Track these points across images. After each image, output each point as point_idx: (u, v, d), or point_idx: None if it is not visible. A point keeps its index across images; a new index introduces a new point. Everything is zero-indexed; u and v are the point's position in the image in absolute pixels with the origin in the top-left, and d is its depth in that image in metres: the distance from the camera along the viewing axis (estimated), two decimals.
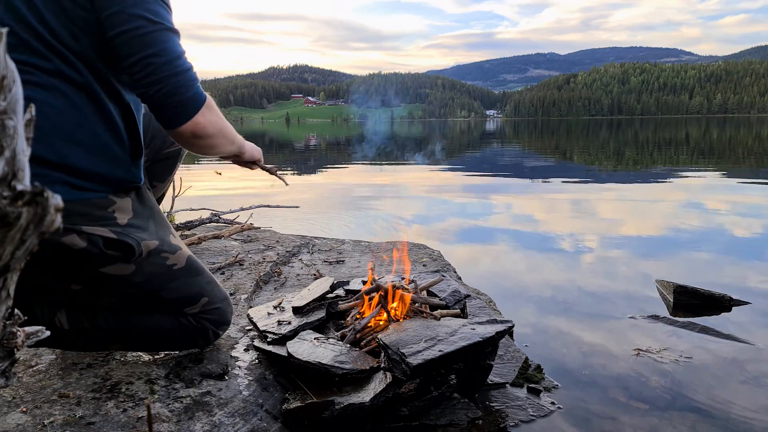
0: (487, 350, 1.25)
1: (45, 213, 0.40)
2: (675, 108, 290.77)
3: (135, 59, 1.02)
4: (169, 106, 1.06)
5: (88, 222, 1.05)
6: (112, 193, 1.11)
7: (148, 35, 1.02)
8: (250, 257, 2.34)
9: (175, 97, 1.05)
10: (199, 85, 1.11)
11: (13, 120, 0.40)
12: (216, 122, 1.15)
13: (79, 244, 1.04)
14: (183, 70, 1.06)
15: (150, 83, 1.04)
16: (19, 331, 0.58)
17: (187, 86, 1.07)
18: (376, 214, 4.38)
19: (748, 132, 22.74)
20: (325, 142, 20.90)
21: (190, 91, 1.07)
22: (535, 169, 8.61)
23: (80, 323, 1.20)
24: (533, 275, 2.60)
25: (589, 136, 23.95)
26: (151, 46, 1.02)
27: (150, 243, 1.14)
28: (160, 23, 1.03)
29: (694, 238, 3.34)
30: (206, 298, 1.26)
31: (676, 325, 1.88)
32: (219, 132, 1.17)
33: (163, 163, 1.52)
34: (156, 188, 1.57)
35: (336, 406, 1.09)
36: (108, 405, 1.09)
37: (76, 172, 1.04)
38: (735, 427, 1.25)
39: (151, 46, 1.02)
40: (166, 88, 1.04)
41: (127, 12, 1.00)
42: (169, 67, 1.04)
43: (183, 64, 1.06)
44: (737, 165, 8.49)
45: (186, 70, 1.07)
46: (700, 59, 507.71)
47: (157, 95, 1.05)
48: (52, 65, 1.00)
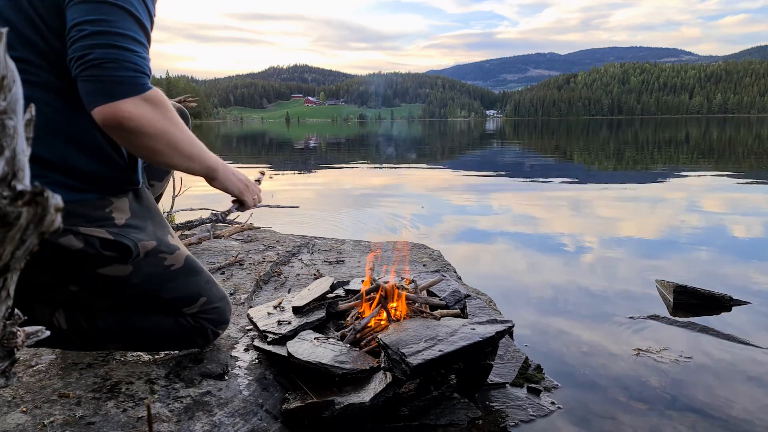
0: (487, 350, 1.25)
1: (45, 213, 0.40)
2: (675, 108, 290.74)
3: (71, 24, 0.93)
4: (89, 79, 0.93)
5: (85, 223, 1.05)
6: (110, 193, 1.11)
7: (92, 4, 0.93)
8: (250, 257, 2.34)
9: (99, 71, 0.92)
10: (144, 76, 0.97)
11: (13, 120, 0.40)
12: (157, 122, 0.98)
13: (76, 245, 1.04)
14: (118, 46, 0.92)
15: (76, 49, 0.92)
16: (19, 331, 0.58)
17: (117, 63, 0.92)
18: (376, 214, 4.38)
19: (748, 132, 22.75)
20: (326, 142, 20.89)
21: (120, 71, 0.93)
22: (535, 168, 8.61)
23: (78, 323, 1.20)
24: (533, 275, 2.60)
25: (589, 136, 23.95)
26: (90, 14, 0.92)
27: (147, 243, 1.14)
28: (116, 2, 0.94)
29: (694, 238, 3.34)
30: (204, 297, 1.26)
31: (676, 325, 1.88)
32: (161, 135, 0.99)
33: None
34: (154, 187, 1.56)
35: (336, 406, 1.09)
36: (108, 405, 1.09)
37: (74, 173, 1.04)
38: (735, 427, 1.25)
39: (89, 14, 0.92)
40: (90, 56, 0.91)
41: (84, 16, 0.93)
42: (102, 36, 0.92)
43: (121, 42, 0.93)
44: (737, 165, 8.49)
45: (124, 48, 0.93)
46: (700, 59, 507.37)
47: (79, 63, 0.92)
48: (53, 66, 1.00)
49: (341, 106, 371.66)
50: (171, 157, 1.05)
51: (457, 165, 9.49)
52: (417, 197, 5.38)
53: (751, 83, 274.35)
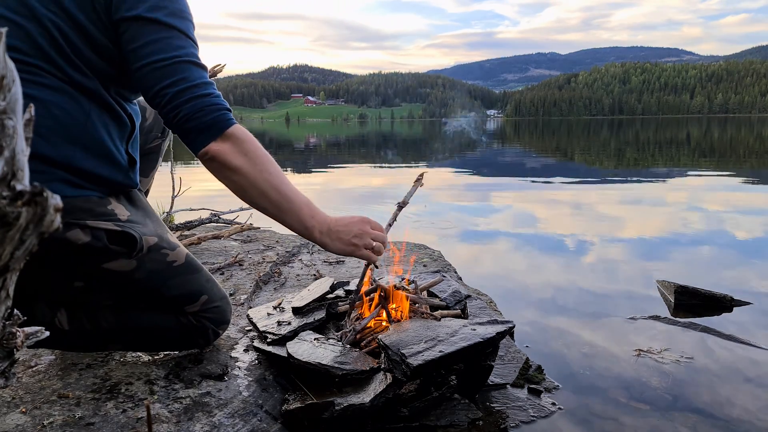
0: (487, 351, 1.25)
1: (44, 213, 0.39)
2: (676, 108, 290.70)
3: (153, 92, 1.05)
4: (186, 131, 1.06)
5: (91, 217, 1.07)
6: (108, 194, 1.14)
7: (165, 68, 1.03)
8: (250, 257, 2.34)
9: (191, 123, 1.05)
10: (227, 112, 1.08)
11: (12, 120, 0.40)
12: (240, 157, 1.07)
13: (83, 239, 1.06)
14: (196, 96, 1.05)
15: (167, 111, 1.05)
16: (19, 331, 0.57)
17: (202, 111, 1.05)
18: (376, 214, 4.38)
19: (749, 132, 22.74)
20: (326, 142, 20.88)
21: (207, 116, 1.05)
22: (536, 168, 8.60)
23: (81, 323, 1.20)
24: (534, 276, 2.60)
25: (590, 135, 23.95)
26: (167, 78, 1.04)
27: (150, 239, 1.16)
28: (178, 56, 1.04)
29: (695, 238, 3.34)
30: (206, 296, 1.26)
31: (677, 325, 1.87)
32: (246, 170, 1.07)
33: (145, 159, 1.54)
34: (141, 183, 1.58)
35: (336, 406, 1.09)
36: (107, 405, 1.09)
37: (78, 172, 1.07)
38: (736, 427, 1.24)
39: (166, 78, 1.03)
40: (180, 115, 1.04)
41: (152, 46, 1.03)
42: (183, 94, 1.04)
43: (198, 91, 1.05)
44: (738, 165, 8.49)
45: (202, 95, 1.05)
46: (701, 59, 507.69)
47: (175, 122, 1.06)
48: (64, 72, 1.04)
49: (341, 105, 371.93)
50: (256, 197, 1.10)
51: (457, 165, 9.49)
52: (417, 197, 5.37)
53: (752, 83, 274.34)
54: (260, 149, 1.10)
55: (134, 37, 1.03)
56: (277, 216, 1.13)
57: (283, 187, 1.11)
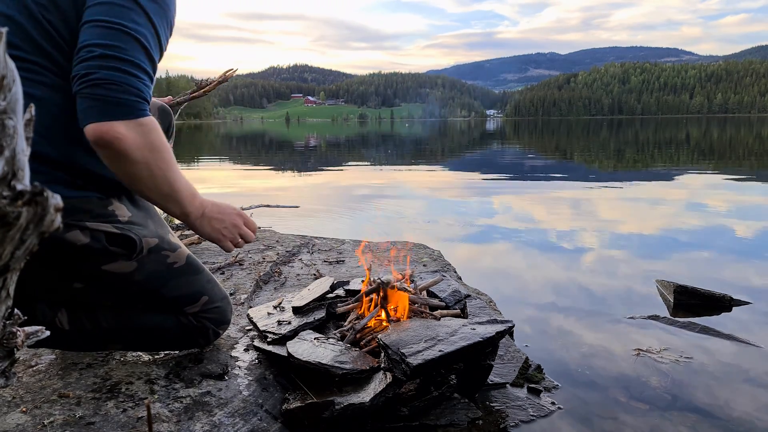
0: (487, 350, 1.25)
1: (45, 213, 0.39)
2: (675, 108, 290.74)
3: (82, 44, 0.96)
4: (89, 96, 0.94)
5: (91, 218, 1.07)
6: (109, 195, 1.13)
7: (107, 29, 0.95)
8: (250, 257, 2.34)
9: (100, 90, 0.94)
10: (144, 103, 0.99)
11: (12, 120, 0.40)
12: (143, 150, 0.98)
13: (82, 240, 1.05)
14: (123, 70, 0.95)
15: (82, 67, 0.95)
16: (19, 330, 0.58)
17: (120, 86, 0.95)
18: (376, 214, 4.38)
19: (748, 132, 22.75)
20: (326, 142, 20.88)
21: (122, 94, 0.95)
22: (536, 168, 8.61)
23: (81, 323, 1.20)
24: (533, 275, 2.60)
25: (589, 135, 23.96)
26: (103, 38, 0.95)
27: (150, 240, 1.15)
28: (124, 26, 0.96)
29: (694, 237, 3.34)
30: (206, 296, 1.26)
31: (677, 325, 1.88)
32: (144, 163, 0.98)
33: None
34: None
35: (336, 406, 1.09)
36: (108, 405, 1.09)
37: (78, 172, 1.06)
38: (735, 427, 1.24)
39: (102, 38, 0.95)
40: (94, 75, 0.94)
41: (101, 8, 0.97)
42: (110, 60, 0.94)
43: (129, 68, 0.96)
44: (738, 165, 8.49)
45: (129, 73, 0.96)
46: (701, 59, 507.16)
47: (83, 81, 0.94)
48: (62, 68, 1.02)
49: (341, 105, 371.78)
50: (149, 190, 1.04)
51: (457, 165, 9.49)
52: (417, 197, 5.38)
53: (752, 83, 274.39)
54: (163, 140, 1.03)
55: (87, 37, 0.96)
56: (158, 203, 1.09)
57: (175, 178, 1.06)
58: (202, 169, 8.64)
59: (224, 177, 7.31)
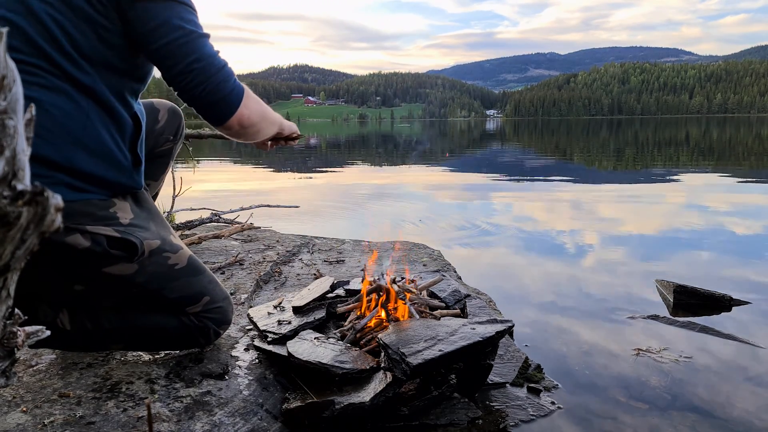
0: (487, 350, 1.25)
1: (45, 213, 0.40)
2: (675, 108, 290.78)
3: (180, 68, 1.08)
4: (214, 104, 1.12)
5: (92, 222, 1.06)
6: (112, 195, 1.13)
7: (188, 44, 1.08)
8: (250, 257, 2.34)
9: (218, 95, 1.11)
10: (236, 78, 1.16)
11: (13, 120, 0.40)
12: (258, 109, 1.21)
13: (83, 244, 1.05)
14: (219, 68, 1.11)
15: (195, 86, 1.09)
16: (20, 330, 0.58)
17: (225, 81, 1.12)
18: (376, 214, 4.38)
19: (748, 132, 22.75)
20: (326, 142, 20.86)
21: (229, 86, 1.12)
22: (535, 168, 8.61)
23: (83, 323, 1.20)
24: (533, 275, 2.60)
25: (589, 135, 23.95)
26: (192, 54, 1.08)
27: (152, 242, 1.15)
28: (195, 31, 1.09)
29: (694, 237, 3.34)
30: (208, 297, 1.26)
31: (676, 324, 1.88)
32: (262, 117, 1.24)
33: (156, 162, 1.53)
34: (150, 186, 1.57)
35: (336, 405, 1.09)
36: (108, 405, 1.09)
37: (79, 174, 1.06)
38: (735, 426, 1.24)
39: (191, 54, 1.08)
40: (208, 87, 1.09)
41: (169, 24, 1.06)
42: (209, 68, 1.09)
43: (218, 62, 1.11)
44: (737, 164, 8.49)
45: (222, 66, 1.12)
46: (700, 59, 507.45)
47: (202, 96, 1.10)
48: (63, 70, 1.01)
49: (341, 105, 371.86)
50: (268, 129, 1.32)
51: (457, 165, 9.49)
52: (417, 197, 5.38)
53: (751, 83, 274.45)
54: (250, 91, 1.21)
55: (147, 16, 1.04)
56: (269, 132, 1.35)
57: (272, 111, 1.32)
58: (202, 169, 8.64)
59: (224, 177, 7.31)
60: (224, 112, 1.14)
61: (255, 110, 1.20)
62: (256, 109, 1.20)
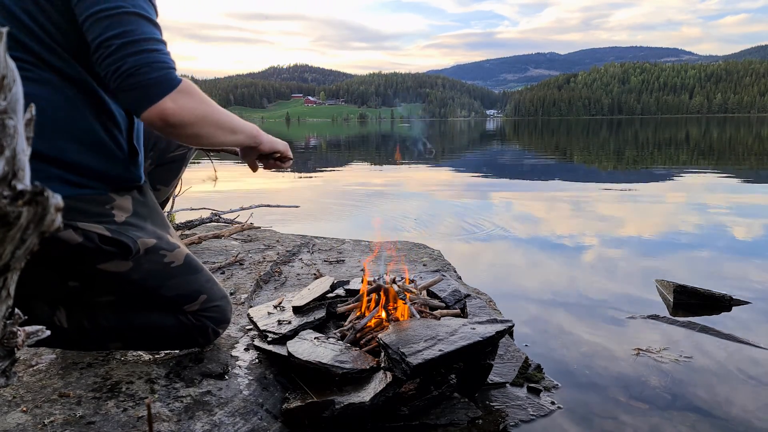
0: (487, 350, 1.25)
1: (45, 212, 0.40)
2: (675, 108, 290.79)
3: (97, 42, 0.97)
4: (129, 88, 0.98)
5: (84, 218, 1.06)
6: (112, 190, 1.12)
7: (111, 17, 0.97)
8: (251, 257, 2.34)
9: (135, 78, 0.97)
10: (173, 71, 1.02)
11: (13, 119, 0.40)
12: (197, 110, 1.04)
13: (76, 239, 1.05)
14: (144, 50, 0.98)
15: (109, 64, 0.97)
16: (20, 330, 0.58)
17: (148, 66, 0.98)
18: (376, 214, 4.38)
19: (748, 132, 22.74)
20: (326, 142, 20.84)
21: (153, 73, 0.98)
22: (535, 168, 8.61)
23: (80, 322, 1.20)
24: (533, 275, 2.60)
25: (589, 135, 23.95)
26: (113, 29, 0.97)
27: (148, 241, 1.14)
28: (122, 6, 0.98)
29: (694, 237, 3.34)
30: (205, 295, 1.26)
31: (676, 324, 1.88)
32: (202, 120, 1.06)
33: (167, 167, 1.52)
34: (160, 191, 1.56)
35: (336, 405, 1.09)
36: (108, 404, 1.09)
37: (73, 168, 1.05)
38: (735, 426, 1.25)
39: (112, 29, 0.97)
40: (123, 67, 0.96)
41: None
42: (129, 48, 0.97)
43: (147, 46, 0.98)
44: (737, 165, 8.49)
45: (149, 50, 0.98)
46: (701, 59, 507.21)
47: (116, 76, 0.97)
48: (46, 62, 1.01)
49: (341, 105, 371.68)
50: (216, 136, 1.12)
51: (457, 165, 9.49)
52: (417, 197, 5.38)
53: (751, 83, 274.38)
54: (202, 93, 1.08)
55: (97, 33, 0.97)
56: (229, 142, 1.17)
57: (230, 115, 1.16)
58: (202, 169, 8.64)
59: (224, 177, 7.30)
60: (140, 101, 0.99)
61: (189, 109, 1.02)
62: (192, 108, 1.03)
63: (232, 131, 1.15)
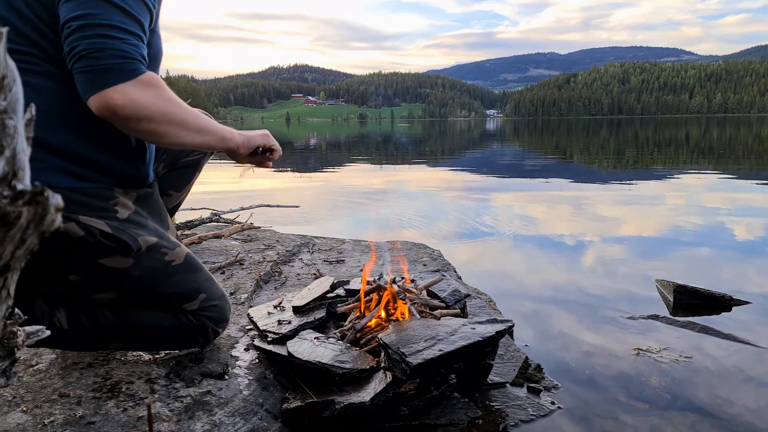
0: (487, 350, 1.25)
1: (45, 212, 0.40)
2: (675, 107, 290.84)
3: (61, 23, 0.95)
4: (78, 70, 0.94)
5: (86, 212, 1.06)
6: (118, 186, 1.12)
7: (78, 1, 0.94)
8: (251, 257, 2.34)
9: (85, 62, 0.93)
10: (134, 62, 0.96)
11: (13, 119, 0.40)
12: (153, 104, 0.98)
13: (78, 232, 1.05)
14: (102, 35, 0.93)
15: (66, 45, 0.94)
16: (20, 330, 0.58)
17: (103, 52, 0.92)
18: (376, 214, 4.38)
19: (748, 132, 22.74)
20: (326, 142, 20.82)
21: (106, 60, 0.93)
22: (535, 168, 8.60)
23: (80, 322, 1.20)
24: (533, 275, 2.60)
25: (589, 135, 23.95)
26: (77, 9, 0.94)
27: (149, 239, 1.15)
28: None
29: (694, 237, 3.34)
30: (204, 294, 1.26)
31: (676, 324, 1.88)
32: (160, 117, 0.99)
33: (180, 172, 1.52)
34: (171, 197, 1.55)
35: (336, 405, 1.09)
36: (108, 404, 1.09)
37: (77, 159, 1.04)
38: (735, 426, 1.25)
39: (76, 9, 0.94)
40: (77, 48, 0.93)
41: None
42: (86, 29, 0.93)
43: (106, 32, 0.94)
44: (737, 165, 8.49)
45: (109, 36, 0.93)
46: (701, 59, 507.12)
47: (69, 57, 0.94)
48: (49, 54, 1.01)
49: (341, 105, 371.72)
50: (179, 136, 1.05)
51: (457, 164, 9.49)
52: (417, 197, 5.38)
53: (752, 83, 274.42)
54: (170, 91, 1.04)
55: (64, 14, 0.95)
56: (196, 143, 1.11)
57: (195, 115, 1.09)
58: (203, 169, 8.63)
59: (224, 177, 7.30)
60: (86, 86, 0.95)
61: (142, 102, 0.96)
62: (146, 103, 0.96)
63: (199, 132, 1.09)
